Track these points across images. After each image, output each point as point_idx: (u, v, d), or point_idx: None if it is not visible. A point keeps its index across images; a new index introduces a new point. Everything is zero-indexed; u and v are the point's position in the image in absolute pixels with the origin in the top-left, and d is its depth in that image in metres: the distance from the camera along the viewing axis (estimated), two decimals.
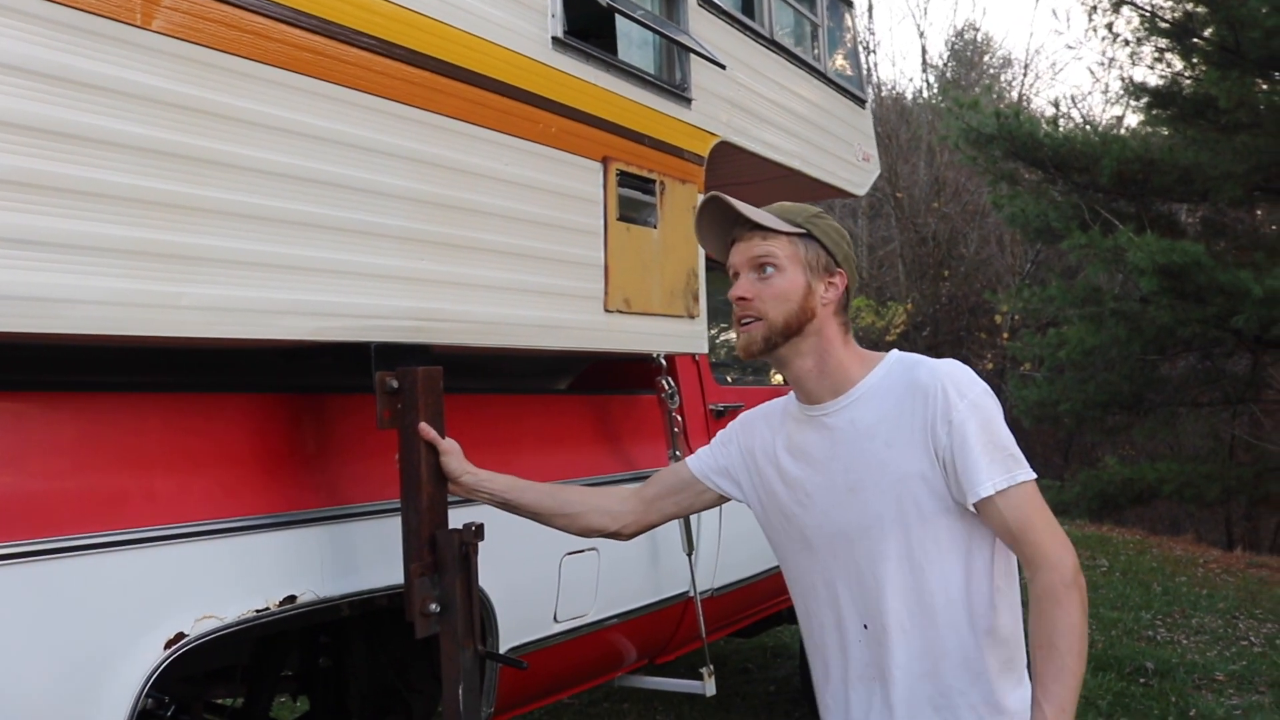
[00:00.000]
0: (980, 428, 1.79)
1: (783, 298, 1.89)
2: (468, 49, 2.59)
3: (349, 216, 2.28)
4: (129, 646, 1.99)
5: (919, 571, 1.85)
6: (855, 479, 1.89)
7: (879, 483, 1.86)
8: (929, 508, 1.84)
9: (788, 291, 1.89)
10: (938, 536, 1.84)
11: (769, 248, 1.90)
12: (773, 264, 1.89)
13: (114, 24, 1.85)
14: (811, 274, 1.90)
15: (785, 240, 1.90)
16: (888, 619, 1.87)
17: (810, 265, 1.91)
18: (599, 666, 3.54)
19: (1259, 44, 9.72)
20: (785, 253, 1.90)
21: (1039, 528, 1.77)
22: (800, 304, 1.89)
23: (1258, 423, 12.79)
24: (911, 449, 1.83)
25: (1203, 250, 9.37)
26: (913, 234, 17.91)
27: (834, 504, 1.92)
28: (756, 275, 1.90)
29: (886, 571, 1.86)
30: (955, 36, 22.77)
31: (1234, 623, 7.41)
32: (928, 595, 1.85)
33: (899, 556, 1.86)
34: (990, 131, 11.41)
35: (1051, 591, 1.73)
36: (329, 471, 2.45)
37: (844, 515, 1.90)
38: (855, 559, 1.90)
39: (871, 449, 1.87)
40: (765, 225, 1.90)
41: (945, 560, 1.85)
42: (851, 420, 1.91)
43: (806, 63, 4.41)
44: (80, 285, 1.81)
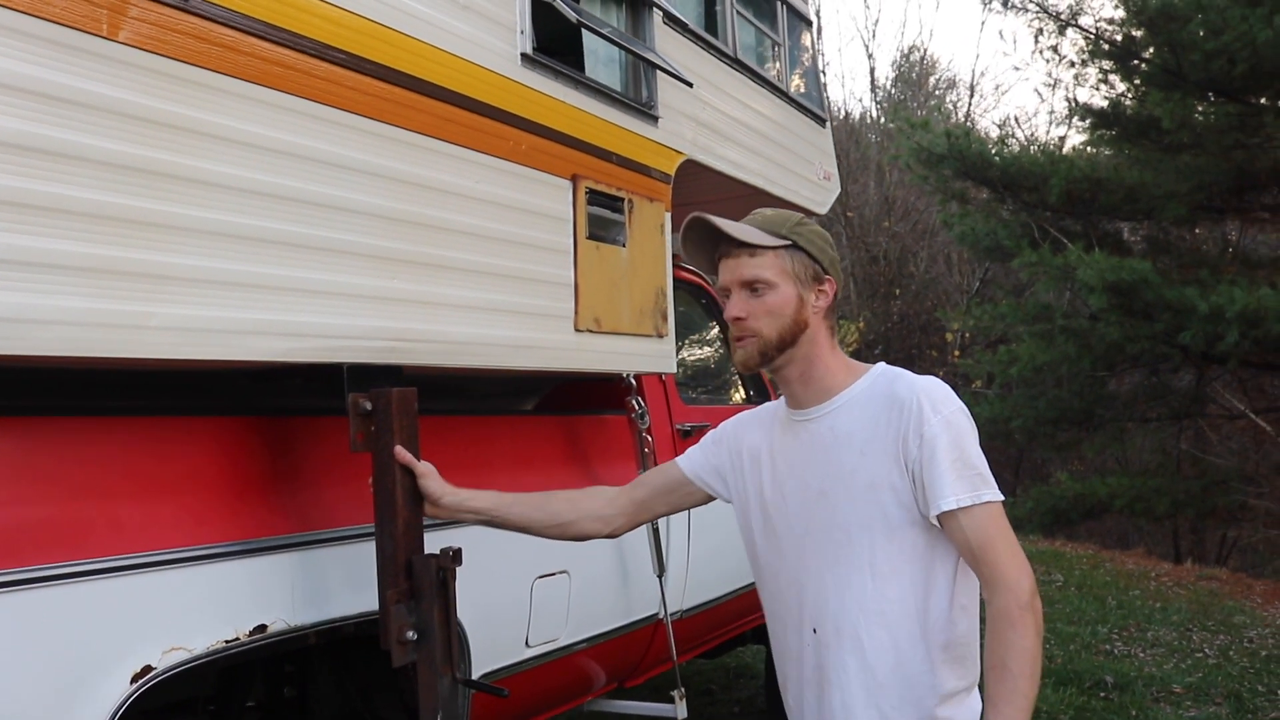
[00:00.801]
0: (951, 444, 1.81)
1: (776, 314, 1.90)
2: (438, 64, 2.55)
3: (320, 234, 2.22)
4: (94, 680, 1.91)
5: (879, 580, 1.87)
6: (827, 484, 1.92)
7: (849, 489, 1.89)
8: (895, 518, 1.86)
9: (780, 307, 1.90)
10: (901, 548, 1.86)
11: (757, 268, 1.91)
12: (762, 282, 1.90)
13: (79, 35, 1.79)
14: (801, 285, 1.92)
15: (772, 255, 1.91)
16: (842, 624, 1.89)
17: (799, 277, 1.92)
18: (570, 691, 3.49)
19: (1199, 66, 9.94)
20: (774, 269, 1.91)
21: (999, 549, 1.79)
22: (793, 317, 1.91)
23: (1203, 437, 13.04)
24: (883, 459, 1.86)
25: (1150, 268, 9.54)
26: (864, 253, 18.07)
27: (805, 506, 1.95)
28: (748, 293, 1.92)
29: (846, 577, 1.89)
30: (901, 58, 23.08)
31: (1188, 635, 7.50)
32: (885, 604, 1.87)
33: (860, 564, 1.87)
34: (941, 151, 11.55)
35: (1006, 613, 1.75)
36: (301, 496, 2.39)
37: (813, 518, 1.94)
38: (819, 563, 1.93)
39: (845, 456, 1.90)
40: (751, 243, 1.91)
41: (905, 572, 1.86)
42: (831, 426, 1.94)
43: (769, 81, 4.42)
44: (44, 305, 1.74)
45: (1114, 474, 12.74)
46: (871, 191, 18.78)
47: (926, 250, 18.41)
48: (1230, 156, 10.78)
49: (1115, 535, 14.92)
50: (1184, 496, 11.41)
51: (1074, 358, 11.07)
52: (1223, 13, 9.53)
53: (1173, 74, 10.33)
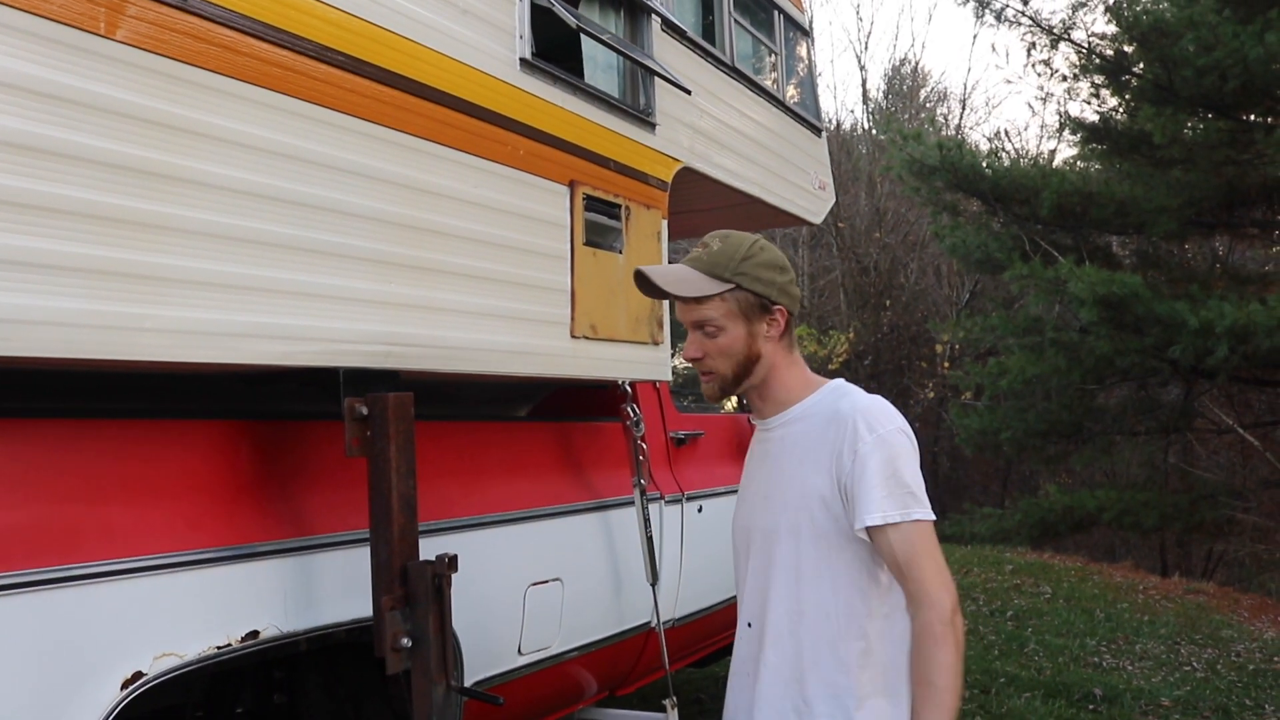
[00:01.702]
0: (883, 462, 1.89)
1: (727, 353, 2.00)
2: (437, 68, 2.54)
3: (317, 237, 2.21)
4: (84, 686, 1.89)
5: (802, 583, 1.97)
6: (770, 489, 2.05)
7: (785, 495, 2.01)
8: (822, 526, 1.95)
9: (730, 347, 2.00)
10: (825, 555, 1.95)
11: (703, 313, 1.99)
12: (711, 326, 1.99)
13: (77, 33, 1.77)
14: (749, 322, 2.00)
15: (718, 301, 1.98)
16: (767, 620, 2.01)
17: (747, 315, 2.00)
18: (562, 699, 3.46)
19: (1191, 82, 10.00)
20: (720, 312, 1.99)
21: (924, 566, 1.86)
22: (745, 353, 2.01)
23: (1191, 451, 13.08)
24: (816, 470, 1.96)
25: (1140, 282, 9.57)
26: (854, 264, 18.10)
27: (753, 509, 2.09)
28: (701, 334, 2.01)
29: (774, 577, 2.00)
30: (892, 71, 23.15)
31: (1176, 648, 7.50)
32: (805, 606, 1.97)
33: (786, 565, 1.99)
34: (933, 163, 11.58)
35: (929, 629, 1.83)
36: (295, 501, 2.37)
37: (756, 520, 2.07)
38: (757, 562, 2.06)
39: (787, 464, 2.02)
40: (691, 297, 1.99)
41: (827, 578, 1.96)
42: (782, 437, 2.05)
43: (766, 90, 4.42)
44: (38, 306, 1.72)
45: (1102, 487, 12.78)
46: (863, 202, 18.82)
47: (917, 262, 18.45)
48: (1221, 172, 10.83)
49: (1103, 548, 14.95)
50: (1171, 510, 11.44)
51: (1064, 370, 11.09)
52: (1214, 29, 9.58)
53: (1164, 89, 10.38)
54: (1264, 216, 11.54)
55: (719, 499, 4.12)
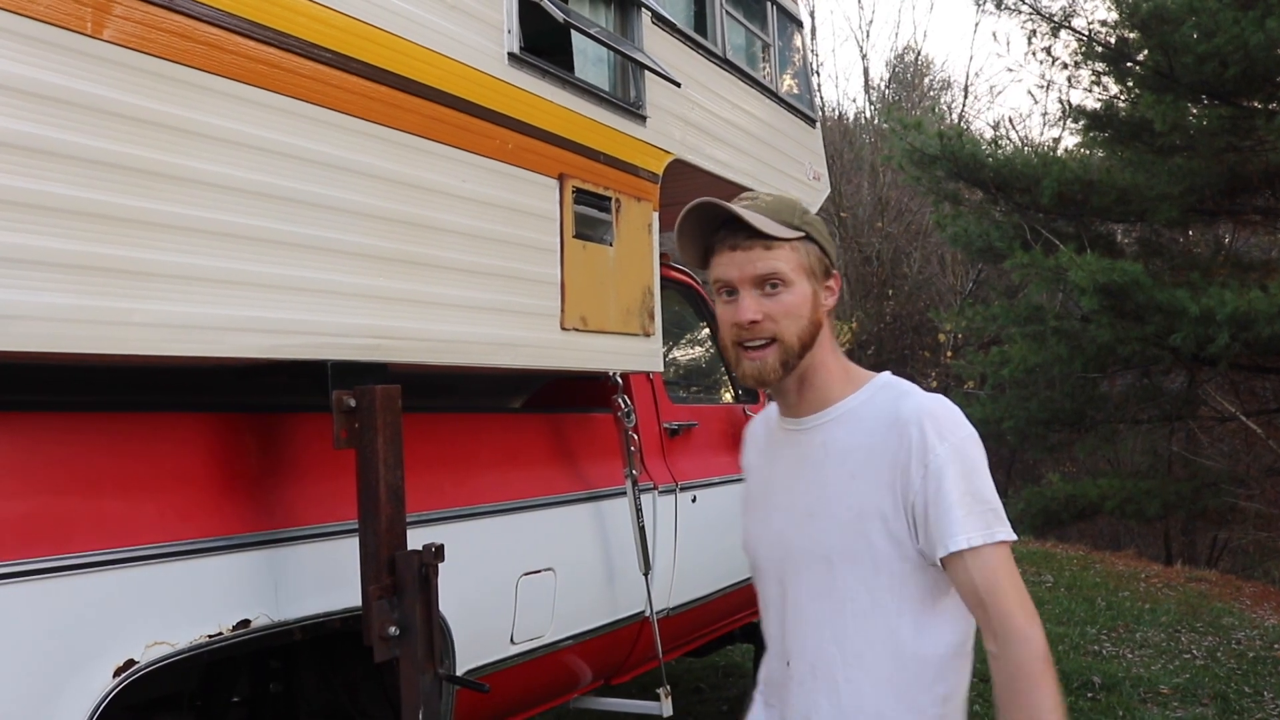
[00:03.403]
0: (960, 475, 1.62)
1: (795, 314, 1.69)
2: (424, 64, 2.56)
3: (304, 232, 2.23)
4: (77, 674, 1.92)
5: (860, 619, 1.69)
6: (814, 503, 1.73)
7: (835, 514, 1.70)
8: (883, 553, 1.67)
9: (798, 307, 1.69)
10: (890, 585, 1.67)
11: (775, 261, 1.68)
12: (780, 279, 1.68)
13: (63, 32, 1.80)
14: (815, 281, 1.72)
15: (789, 249, 1.69)
16: (818, 663, 1.72)
17: (813, 272, 1.71)
18: (556, 688, 3.50)
19: (1191, 69, 9.97)
20: (791, 263, 1.69)
21: (1009, 595, 1.60)
22: (810, 318, 1.71)
23: (1194, 439, 13.07)
24: (876, 486, 1.67)
25: (1141, 270, 9.56)
26: (857, 253, 18.09)
27: (789, 527, 1.77)
28: (760, 292, 1.69)
29: (824, 612, 1.71)
30: (896, 59, 23.12)
31: (1176, 636, 7.53)
32: (865, 646, 1.69)
33: (841, 598, 1.69)
34: (934, 152, 11.57)
35: (1026, 670, 1.56)
36: (284, 492, 2.40)
37: (795, 541, 1.76)
38: (798, 592, 1.76)
39: (836, 477, 1.71)
40: (769, 234, 1.68)
41: (892, 611, 1.67)
42: (824, 441, 1.75)
43: (759, 81, 4.43)
44: (25, 301, 1.75)
45: (1105, 475, 12.77)
46: (865, 192, 18.81)
47: (920, 251, 18.45)
48: (1222, 159, 10.81)
49: (1107, 536, 14.96)
50: (1175, 498, 11.43)
51: (1065, 359, 11.09)
52: (1215, 16, 9.56)
53: (1165, 76, 10.35)
54: (1266, 203, 11.50)
55: (713, 489, 4.14)
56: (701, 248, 1.77)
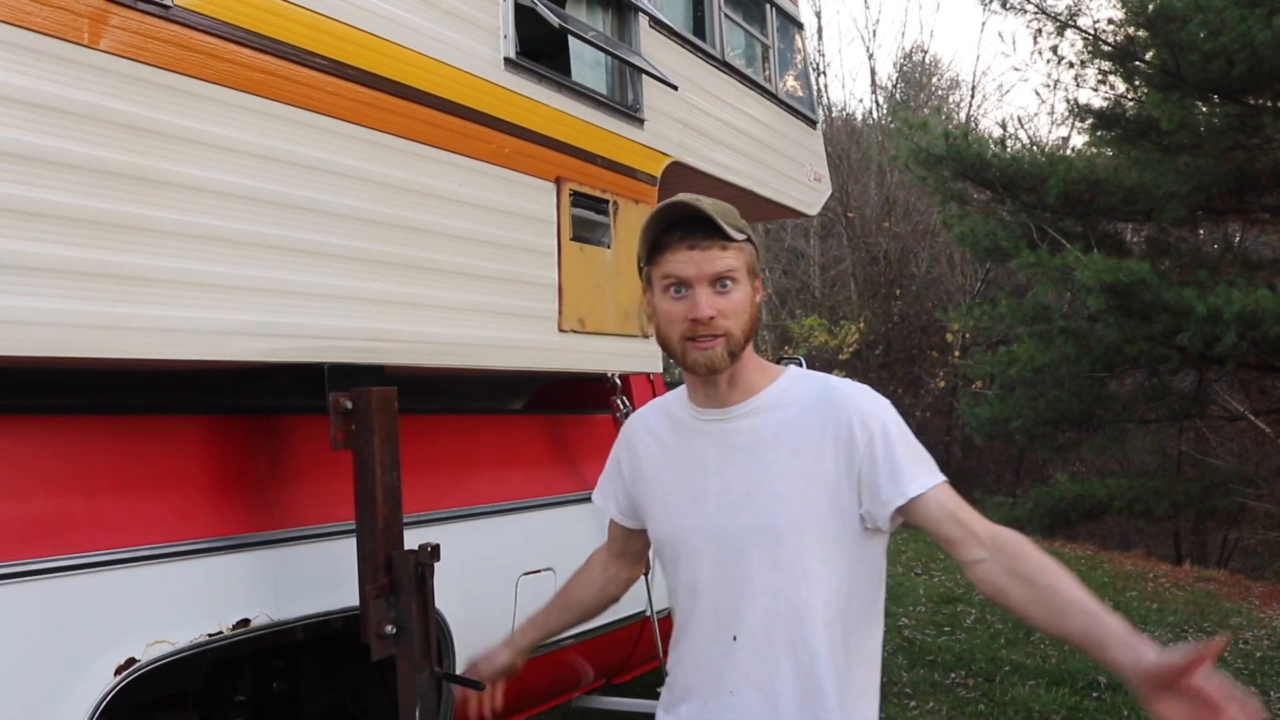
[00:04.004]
0: (899, 436, 1.80)
1: (742, 311, 1.80)
2: (420, 69, 2.60)
3: (301, 237, 2.27)
4: (79, 672, 1.96)
5: (811, 583, 1.80)
6: (753, 485, 1.83)
7: (780, 490, 1.81)
8: (829, 521, 1.80)
9: (744, 304, 1.81)
10: (835, 550, 1.81)
11: (729, 260, 1.78)
12: (732, 277, 1.79)
13: (60, 43, 1.84)
14: (754, 281, 1.84)
15: (738, 249, 1.80)
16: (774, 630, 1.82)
17: (753, 272, 1.83)
18: (557, 687, 3.52)
19: (1198, 67, 9.94)
20: (740, 262, 1.80)
21: (972, 511, 1.78)
22: (751, 314, 1.83)
23: (1203, 438, 13.03)
24: (820, 458, 1.80)
25: (1148, 269, 9.53)
26: (864, 253, 18.08)
27: (726, 508, 1.85)
28: (713, 290, 1.78)
29: (776, 581, 1.81)
30: (904, 58, 23.10)
31: (1183, 636, 7.51)
32: (817, 608, 1.81)
33: (792, 566, 1.81)
34: (939, 152, 11.55)
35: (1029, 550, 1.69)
36: (283, 493, 2.43)
37: (738, 520, 1.84)
38: (743, 568, 1.83)
39: (775, 457, 1.82)
40: (731, 236, 1.78)
41: (835, 574, 1.81)
42: (754, 426, 1.85)
43: (758, 84, 4.46)
44: (26, 307, 1.79)
45: (1113, 475, 12.73)
46: (872, 192, 18.79)
47: (928, 251, 18.42)
48: (1230, 157, 10.77)
49: (1117, 536, 14.91)
50: (1183, 498, 11.40)
51: (1073, 359, 11.06)
52: (1221, 14, 9.53)
53: (1171, 75, 10.33)
54: (1274, 201, 11.45)
55: None
56: (650, 243, 1.83)
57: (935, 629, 7.46)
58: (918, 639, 7.10)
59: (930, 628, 7.49)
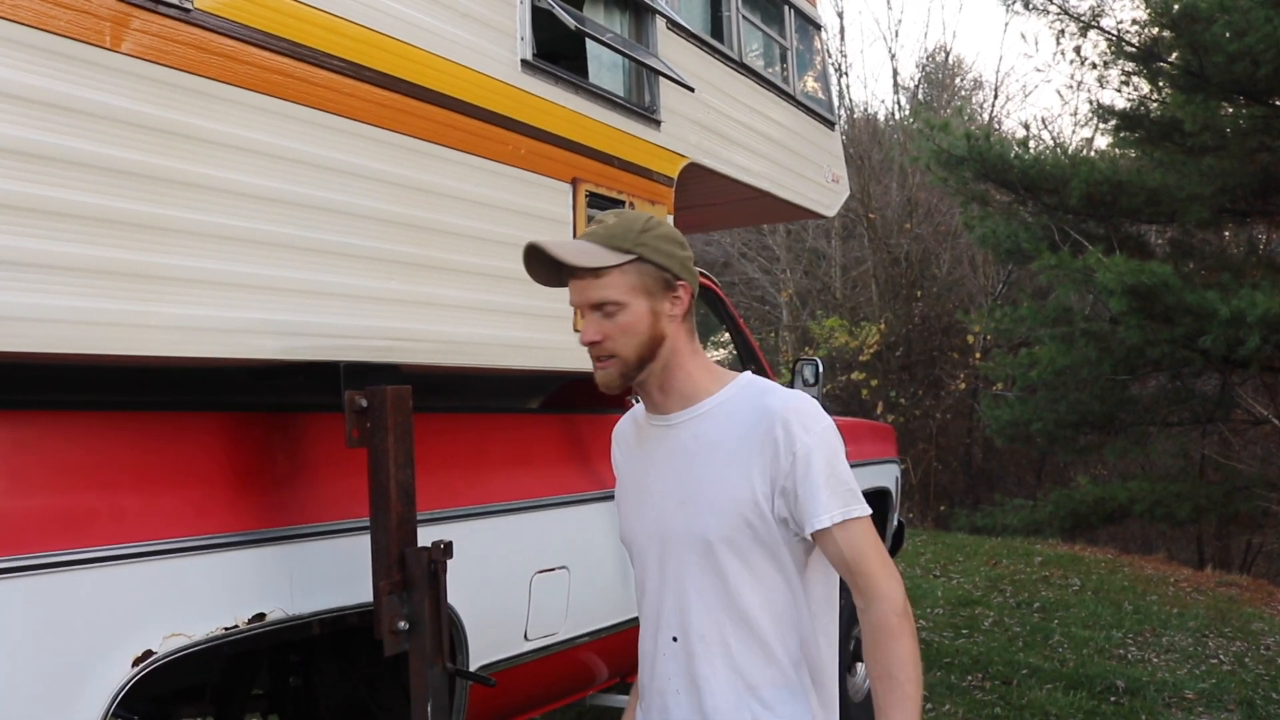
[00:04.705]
0: (824, 461, 1.79)
1: (630, 332, 1.83)
2: (437, 71, 2.62)
3: (318, 237, 2.30)
4: (97, 664, 1.99)
5: (743, 589, 1.85)
6: (689, 492, 1.87)
7: (712, 500, 1.85)
8: (759, 531, 1.83)
9: (633, 325, 1.83)
10: (766, 559, 1.84)
11: (604, 290, 1.82)
12: (611, 303, 1.82)
13: (83, 46, 1.87)
14: (653, 298, 1.84)
15: (618, 273, 1.82)
16: (708, 631, 1.87)
17: (649, 290, 1.84)
18: (570, 685, 3.54)
19: (1222, 68, 9.89)
20: (620, 287, 1.82)
21: (872, 560, 1.79)
22: (649, 333, 1.84)
23: (1227, 442, 12.93)
24: (750, 471, 1.82)
25: (1170, 271, 9.48)
26: (885, 254, 18.01)
27: (664, 515, 1.91)
28: (599, 315, 1.84)
29: (708, 587, 1.86)
30: (926, 59, 23.01)
31: (1204, 641, 7.47)
32: (750, 610, 1.85)
33: (722, 574, 1.85)
34: (960, 153, 11.53)
35: (885, 623, 1.76)
36: (298, 489, 2.46)
37: (674, 526, 1.89)
38: (680, 571, 1.89)
39: (709, 465, 1.86)
40: (591, 266, 1.82)
41: (768, 582, 1.85)
42: (695, 434, 1.89)
43: (775, 85, 4.46)
44: (47, 304, 1.83)
45: (1135, 478, 12.66)
46: (894, 193, 18.73)
47: (950, 252, 18.34)
48: (1255, 159, 10.71)
49: (1139, 540, 14.82)
50: (1206, 502, 11.33)
51: (1094, 361, 11.02)
52: (1246, 14, 9.48)
53: (1195, 76, 10.27)
54: None
55: None
56: (557, 278, 1.91)
57: (953, 631, 7.45)
58: (935, 641, 7.09)
59: (948, 630, 7.48)
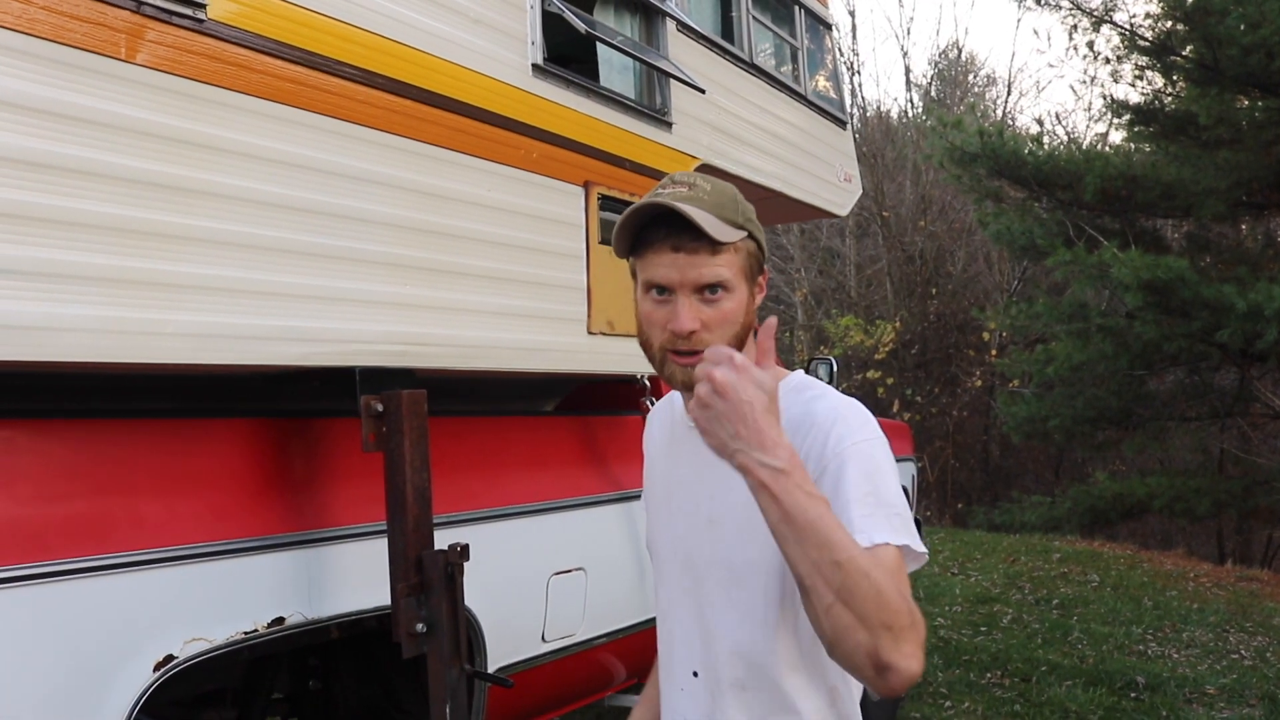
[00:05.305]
0: (860, 474, 1.49)
1: (732, 322, 1.56)
2: (449, 77, 2.64)
3: (332, 243, 2.32)
4: (118, 669, 2.01)
5: (769, 627, 1.59)
6: (717, 510, 1.62)
7: (739, 523, 1.58)
8: None
9: (735, 314, 1.56)
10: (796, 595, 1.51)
11: (720, 268, 1.54)
12: (724, 286, 1.54)
13: (99, 58, 1.89)
14: (750, 283, 1.59)
15: (732, 251, 1.55)
16: (724, 670, 1.62)
17: (749, 273, 1.58)
18: (588, 686, 3.56)
19: (1237, 61, 9.83)
20: (734, 268, 1.55)
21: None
22: (745, 323, 1.58)
23: (1246, 436, 12.85)
24: None
25: (1186, 265, 9.43)
26: (900, 252, 17.98)
27: (690, 532, 1.66)
28: (700, 298, 1.54)
29: (731, 621, 1.61)
30: (939, 56, 22.97)
31: (1224, 636, 7.43)
32: (772, 654, 1.59)
33: (749, 607, 1.59)
34: (974, 150, 11.49)
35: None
36: (316, 494, 2.48)
37: (697, 548, 1.64)
38: (700, 599, 1.64)
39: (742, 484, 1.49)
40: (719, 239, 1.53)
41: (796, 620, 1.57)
42: None
43: (786, 85, 4.47)
44: (66, 314, 1.85)
45: (1154, 474, 12.60)
46: (908, 190, 18.69)
47: (964, 249, 18.29)
48: (1270, 152, 10.64)
49: (1158, 536, 14.74)
50: (1225, 497, 11.26)
51: (1111, 357, 10.97)
52: (1260, 6, 9.42)
53: (1210, 69, 10.21)
54: None
55: None
56: (632, 238, 1.58)
57: (971, 629, 7.43)
58: (954, 639, 7.07)
59: (966, 627, 7.46)
